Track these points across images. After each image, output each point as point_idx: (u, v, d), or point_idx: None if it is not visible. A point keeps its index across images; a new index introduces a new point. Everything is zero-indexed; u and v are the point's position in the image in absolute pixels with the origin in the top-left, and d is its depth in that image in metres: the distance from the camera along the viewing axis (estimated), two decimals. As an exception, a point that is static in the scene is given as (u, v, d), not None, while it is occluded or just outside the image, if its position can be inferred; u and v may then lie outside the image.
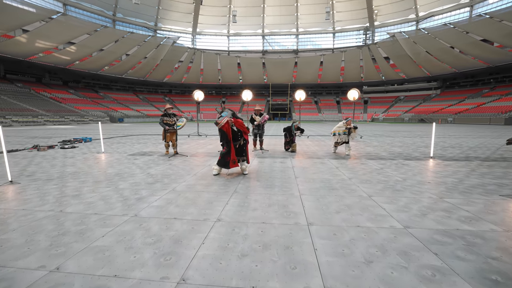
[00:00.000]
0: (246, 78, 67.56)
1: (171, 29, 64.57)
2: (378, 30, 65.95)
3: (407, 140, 12.19)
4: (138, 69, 57.60)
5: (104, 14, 54.00)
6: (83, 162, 6.27)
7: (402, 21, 61.18)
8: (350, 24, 67.87)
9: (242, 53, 71.62)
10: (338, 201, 3.42)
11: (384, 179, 4.63)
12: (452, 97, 53.95)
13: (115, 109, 49.00)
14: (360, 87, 68.54)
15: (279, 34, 72.97)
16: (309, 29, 71.47)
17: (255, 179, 4.61)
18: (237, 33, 71.29)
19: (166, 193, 3.72)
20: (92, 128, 22.77)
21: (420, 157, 7.15)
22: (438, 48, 51.31)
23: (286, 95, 66.64)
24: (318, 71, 67.01)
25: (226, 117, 4.82)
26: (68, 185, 4.17)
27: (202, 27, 67.57)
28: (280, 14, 67.69)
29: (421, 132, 18.36)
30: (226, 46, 71.85)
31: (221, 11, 65.21)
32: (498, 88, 48.40)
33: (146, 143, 10.62)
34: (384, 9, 62.11)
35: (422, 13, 57.68)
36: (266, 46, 73.36)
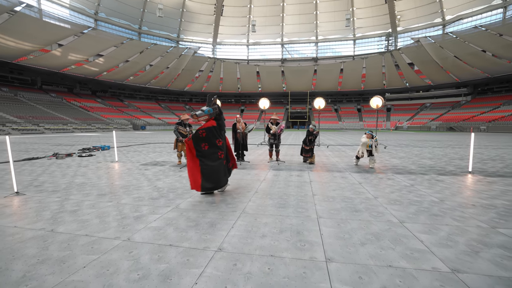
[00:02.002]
0: (265, 87, 67.72)
1: (192, 40, 66.67)
2: (401, 36, 63.80)
3: (437, 151, 11.16)
4: (160, 79, 59.74)
5: (131, 27, 57.03)
6: (94, 171, 6.18)
7: (427, 26, 58.75)
8: (371, 31, 66.33)
9: (261, 61, 72.12)
10: (363, 227, 2.89)
11: (417, 199, 4.00)
12: (484, 103, 50.39)
13: (138, 117, 50.84)
14: (382, 94, 66.14)
15: (298, 42, 72.86)
16: (328, 37, 70.73)
17: (268, 196, 4.18)
18: (256, 42, 72.11)
19: (168, 211, 3.39)
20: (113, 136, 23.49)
21: (456, 172, 6.33)
22: (468, 53, 48.38)
23: (305, 103, 65.76)
24: (338, 79, 65.68)
25: (206, 115, 4.15)
26: (70, 198, 3.98)
27: (222, 37, 69.11)
28: (299, 23, 67.70)
29: (452, 142, 16.96)
30: (246, 55, 72.78)
31: (240, 21, 66.44)
32: (539, 94, 44.59)
33: (161, 152, 10.55)
34: (407, 14, 60.11)
35: (449, 17, 55.05)
36: (285, 54, 73.44)
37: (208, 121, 4.15)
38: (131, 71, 54.31)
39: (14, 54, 38.15)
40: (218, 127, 4.13)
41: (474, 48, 47.47)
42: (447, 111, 54.94)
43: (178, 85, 63.51)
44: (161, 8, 47.46)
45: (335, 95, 70.48)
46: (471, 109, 51.15)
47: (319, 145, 13.49)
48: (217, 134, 4.10)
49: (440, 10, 55.63)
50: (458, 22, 54.08)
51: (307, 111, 65.27)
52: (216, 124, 4.12)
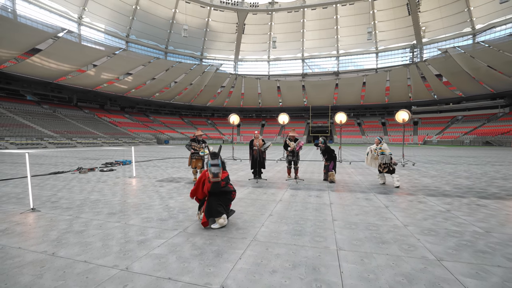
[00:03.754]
0: (286, 101, 67.88)
1: (215, 57, 69.24)
2: (427, 47, 61.61)
3: (474, 169, 10.12)
4: (184, 95, 62.16)
5: (158, 47, 60.66)
6: (111, 187, 6.21)
7: (455, 36, 56.29)
8: (394, 43, 64.88)
9: (282, 76, 72.78)
10: (392, 265, 2.47)
11: (456, 229, 3.45)
12: (526, 116, 46.40)
13: (162, 132, 52.81)
14: (408, 107, 63.38)
15: (319, 57, 72.95)
16: (350, 50, 70.17)
17: (283, 221, 3.84)
18: (277, 58, 73.25)
19: (174, 236, 3.18)
20: (138, 150, 24.36)
21: (501, 195, 5.57)
22: (503, 62, 45.29)
23: (327, 117, 64.66)
24: (361, 92, 64.21)
25: (222, 171, 3.72)
26: (81, 216, 3.93)
27: (243, 54, 71.08)
28: (320, 38, 68.00)
29: (491, 158, 15.46)
30: (266, 70, 73.99)
31: (261, 38, 68.13)
32: None
33: (180, 167, 10.58)
34: (433, 25, 58.19)
35: (480, 25, 52.40)
36: (306, 69, 73.66)
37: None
38: (157, 88, 57.14)
39: (55, 75, 41.83)
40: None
41: (510, 57, 44.39)
42: (482, 124, 51.22)
43: (201, 101, 65.59)
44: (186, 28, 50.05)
45: (358, 108, 68.80)
46: (510, 121, 47.25)
47: (341, 161, 12.87)
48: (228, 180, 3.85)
49: (469, 19, 53.26)
50: (490, 31, 51.26)
51: (329, 125, 64.02)
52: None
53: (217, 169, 3.57)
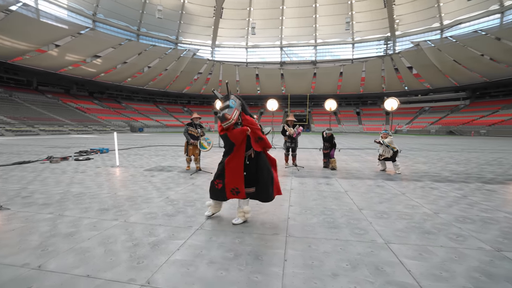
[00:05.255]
0: (264, 89, 67.23)
1: (191, 42, 66.07)
2: (400, 40, 63.93)
3: (457, 156, 10.56)
4: (159, 81, 58.88)
5: (129, 29, 56.19)
6: (93, 178, 5.40)
7: (426, 30, 58.94)
8: (370, 35, 66.44)
9: (260, 64, 71.70)
10: (456, 259, 2.18)
11: (487, 216, 3.31)
12: (483, 107, 50.38)
13: (135, 119, 49.85)
14: (381, 98, 66.09)
15: (297, 45, 72.74)
16: (327, 40, 70.70)
17: (308, 211, 3.45)
18: (255, 45, 71.80)
19: (191, 234, 2.65)
20: (112, 138, 22.61)
21: (500, 180, 5.68)
22: (467, 57, 48.50)
23: (305, 106, 65.37)
24: (338, 82, 65.49)
25: (236, 109, 2.87)
26: (66, 214, 3.22)
27: (221, 40, 68.64)
28: (299, 26, 67.57)
29: (462, 146, 16.41)
30: (245, 58, 72.37)
31: (240, 24, 66.08)
32: (537, 98, 44.63)
33: (165, 155, 9.77)
34: (406, 19, 60.27)
35: (447, 21, 55.29)
36: (284, 57, 73.20)
37: (246, 119, 3.01)
38: (129, 72, 53.40)
39: (10, 53, 37.08)
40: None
41: (473, 52, 47.60)
42: (446, 114, 54.90)
43: (177, 87, 62.68)
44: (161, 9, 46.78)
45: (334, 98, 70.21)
46: (470, 113, 51.14)
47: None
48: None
49: (438, 15, 55.88)
50: (456, 27, 54.35)
51: (307, 114, 64.86)
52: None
53: (228, 110, 2.82)
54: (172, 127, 50.92)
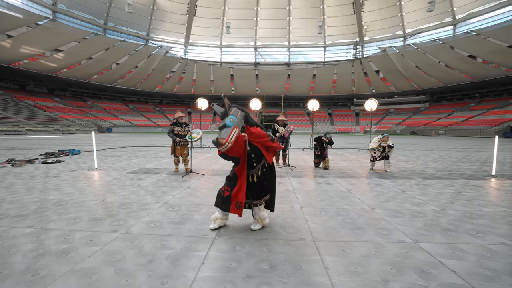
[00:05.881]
0: (239, 90, 66.93)
1: (163, 39, 63.59)
2: (368, 45, 67.58)
3: (431, 154, 11.27)
4: (128, 79, 55.77)
5: (95, 22, 52.36)
6: (72, 183, 4.77)
7: (390, 37, 62.99)
8: (341, 39, 69.31)
9: (235, 64, 71.32)
10: (484, 254, 2.17)
11: (491, 211, 3.44)
12: (440, 110, 55.02)
13: (103, 119, 46.66)
14: (351, 100, 69.51)
15: (271, 46, 73.56)
16: (300, 43, 72.44)
17: (322, 212, 3.31)
18: (229, 44, 71.25)
19: (211, 245, 2.35)
20: (79, 139, 20.80)
21: (480, 176, 6.08)
22: (426, 63, 52.70)
23: (279, 107, 66.26)
24: (311, 84, 67.35)
25: (235, 127, 2.45)
26: (50, 227, 2.72)
27: (194, 38, 67.03)
28: (273, 28, 68.36)
29: (430, 145, 17.66)
30: (219, 57, 71.46)
31: (214, 23, 65.09)
32: (483, 102, 49.71)
33: (146, 156, 9.12)
34: (373, 25, 63.87)
35: (409, 30, 59.65)
36: (258, 58, 73.57)
37: (252, 133, 2.65)
38: (96, 69, 49.87)
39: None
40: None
41: (431, 59, 51.87)
42: (409, 116, 59.07)
43: (148, 86, 59.92)
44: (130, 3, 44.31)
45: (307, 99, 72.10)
46: (429, 115, 55.51)
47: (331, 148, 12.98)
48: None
49: (401, 23, 59.97)
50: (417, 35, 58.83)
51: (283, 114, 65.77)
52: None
53: (224, 132, 2.43)
54: (143, 127, 48.56)
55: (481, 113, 45.69)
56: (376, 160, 6.86)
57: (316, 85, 66.70)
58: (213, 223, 2.77)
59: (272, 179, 2.81)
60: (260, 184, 2.73)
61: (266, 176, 2.76)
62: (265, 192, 2.77)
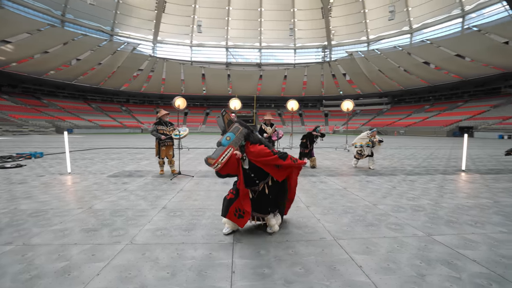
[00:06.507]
0: (211, 89, 65.89)
1: (129, 35, 60.15)
2: (335, 49, 70.83)
3: (401, 152, 12.07)
4: (91, 76, 51.72)
5: (51, 13, 47.74)
6: (45, 190, 4.21)
7: (355, 42, 66.76)
8: (310, 42, 71.69)
9: (206, 64, 70.12)
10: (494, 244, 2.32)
11: (483, 202, 3.73)
12: (400, 111, 59.46)
13: (62, 119, 42.70)
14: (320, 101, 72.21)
15: (243, 47, 73.65)
16: (272, 44, 73.54)
17: (331, 211, 3.30)
18: (200, 43, 69.88)
19: (236, 250, 2.19)
20: (36, 140, 18.73)
21: (452, 171, 6.61)
22: (388, 67, 56.72)
23: (251, 107, 66.52)
24: (282, 85, 68.66)
25: (229, 147, 2.34)
26: (35, 243, 2.34)
27: (164, 36, 64.53)
28: (244, 28, 68.52)
29: (397, 144, 18.95)
30: (189, 56, 69.71)
31: (184, 20, 63.31)
32: (436, 104, 54.79)
33: (122, 158, 8.47)
34: (340, 30, 67.13)
35: (372, 36, 63.79)
36: (230, 58, 73.20)
37: (251, 152, 2.49)
38: (52, 64, 45.46)
39: None
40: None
41: (392, 64, 55.98)
42: (373, 117, 62.98)
43: (113, 84, 56.19)
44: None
45: (279, 100, 73.42)
46: (391, 116, 59.71)
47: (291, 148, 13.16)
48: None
49: (365, 30, 63.84)
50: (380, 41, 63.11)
51: (253, 115, 66.12)
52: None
53: (217, 151, 2.34)
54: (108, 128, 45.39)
55: (434, 115, 50.25)
56: (363, 157, 7.13)
57: (287, 86, 68.16)
58: (226, 228, 2.60)
59: (280, 195, 2.68)
60: (266, 199, 2.57)
61: (272, 192, 2.60)
62: (272, 208, 2.61)
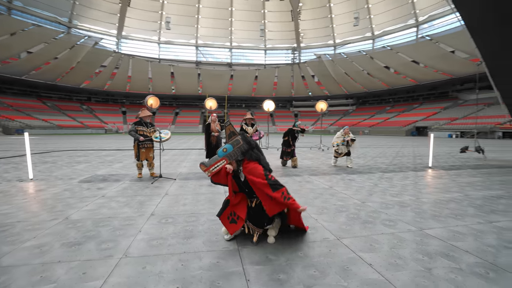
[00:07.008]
0: (180, 89, 63.89)
1: (90, 28, 55.86)
2: (305, 51, 73.12)
3: (372, 151, 12.79)
4: (45, 71, 46.96)
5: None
6: (5, 200, 3.67)
7: (323, 45, 69.61)
8: (280, 43, 73.11)
9: (175, 62, 67.88)
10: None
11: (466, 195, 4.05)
12: (364, 112, 63.24)
13: (10, 118, 38.13)
14: (290, 102, 74.01)
15: (213, 46, 72.69)
16: (242, 44, 73.62)
17: (325, 210, 3.34)
18: (169, 41, 67.47)
19: (241, 259, 2.09)
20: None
21: (420, 168, 7.16)
22: (353, 71, 60.02)
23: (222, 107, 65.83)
24: (253, 85, 69.04)
25: (223, 159, 2.35)
26: (7, 263, 2.00)
27: (129, 31, 61.09)
28: (215, 27, 67.69)
29: (365, 143, 20.08)
30: (157, 53, 66.92)
31: (151, 16, 60.59)
32: (396, 106, 59.25)
33: (90, 161, 7.77)
34: (308, 33, 69.46)
35: (339, 40, 67.05)
36: (200, 57, 71.75)
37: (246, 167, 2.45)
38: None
39: None
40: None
41: (357, 67, 59.39)
42: (340, 117, 66.16)
43: (72, 81, 51.62)
44: (46, -18, 37.54)
45: (250, 100, 73.73)
46: (356, 116, 63.23)
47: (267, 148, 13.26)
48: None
49: (332, 34, 66.86)
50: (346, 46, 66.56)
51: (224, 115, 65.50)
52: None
53: (211, 160, 2.37)
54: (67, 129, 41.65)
55: (394, 116, 54.26)
56: (341, 156, 7.40)
57: (258, 87, 68.71)
58: (227, 234, 2.48)
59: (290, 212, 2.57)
60: (261, 213, 2.43)
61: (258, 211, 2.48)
62: (268, 222, 2.49)
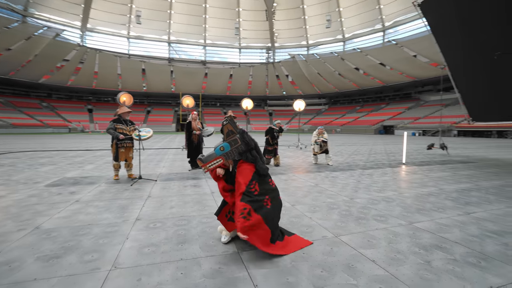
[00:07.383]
0: (152, 86, 61.34)
1: (50, 18, 51.34)
2: (278, 51, 74.10)
3: (348, 148, 13.29)
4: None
5: None
6: (-43, 210, 3.18)
7: (296, 46, 71.10)
8: (254, 42, 73.32)
9: (146, 58, 65.01)
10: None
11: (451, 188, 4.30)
12: (336, 112, 65.71)
13: (-48, 117, 33.83)
14: (265, 101, 74.61)
15: (187, 43, 70.85)
16: (216, 42, 72.65)
17: (317, 208, 3.34)
18: (139, 36, 64.44)
19: (243, 262, 1.99)
20: None
21: (395, 164, 7.55)
22: (325, 71, 62.08)
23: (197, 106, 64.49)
24: (228, 84, 68.50)
25: (219, 158, 2.24)
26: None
27: (95, 23, 57.22)
28: (188, 23, 66.00)
29: (340, 141, 20.85)
30: (126, 48, 63.55)
31: (120, 9, 57.34)
32: (365, 106, 62.40)
33: (56, 163, 7.09)
34: (282, 33, 70.48)
35: (311, 41, 68.94)
36: (172, 54, 69.52)
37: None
38: None
39: None
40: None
41: (329, 68, 61.51)
42: (314, 116, 68.07)
43: (29, 75, 47.00)
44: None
45: (224, 99, 73.00)
46: (328, 115, 65.48)
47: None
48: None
49: (305, 35, 68.51)
50: (318, 47, 68.60)
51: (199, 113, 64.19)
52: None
53: (209, 155, 2.24)
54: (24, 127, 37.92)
55: (364, 115, 57.08)
56: (318, 153, 7.55)
57: (233, 85, 68.30)
58: (224, 236, 2.37)
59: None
60: None
61: None
62: None
